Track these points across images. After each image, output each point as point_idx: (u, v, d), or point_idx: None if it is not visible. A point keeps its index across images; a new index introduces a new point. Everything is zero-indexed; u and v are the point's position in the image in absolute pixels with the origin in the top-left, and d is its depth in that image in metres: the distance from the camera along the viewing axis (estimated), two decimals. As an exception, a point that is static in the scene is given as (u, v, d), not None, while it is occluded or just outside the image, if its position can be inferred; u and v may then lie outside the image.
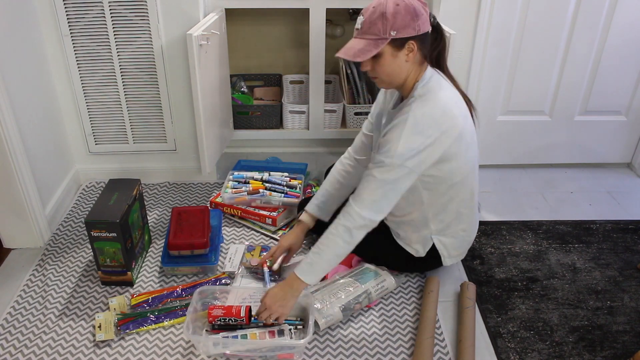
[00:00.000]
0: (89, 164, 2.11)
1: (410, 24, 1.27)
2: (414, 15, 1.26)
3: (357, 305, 1.47)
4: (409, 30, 1.27)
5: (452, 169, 1.37)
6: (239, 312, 1.37)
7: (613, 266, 1.73)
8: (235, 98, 2.29)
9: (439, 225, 1.49)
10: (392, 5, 1.26)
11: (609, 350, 1.42)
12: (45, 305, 1.52)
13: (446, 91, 1.35)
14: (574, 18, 1.98)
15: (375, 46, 1.28)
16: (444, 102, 1.32)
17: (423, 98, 1.32)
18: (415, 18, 1.27)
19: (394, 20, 1.26)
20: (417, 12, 1.27)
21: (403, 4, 1.26)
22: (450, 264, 1.58)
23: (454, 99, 1.36)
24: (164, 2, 1.79)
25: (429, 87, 1.33)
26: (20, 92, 1.66)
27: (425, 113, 1.30)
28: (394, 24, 1.26)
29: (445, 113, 1.31)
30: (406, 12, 1.26)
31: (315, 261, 1.36)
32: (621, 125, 2.24)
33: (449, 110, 1.32)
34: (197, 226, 1.66)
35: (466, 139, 1.36)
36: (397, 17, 1.26)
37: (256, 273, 1.62)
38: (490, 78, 2.08)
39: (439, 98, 1.32)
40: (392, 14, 1.25)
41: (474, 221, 1.58)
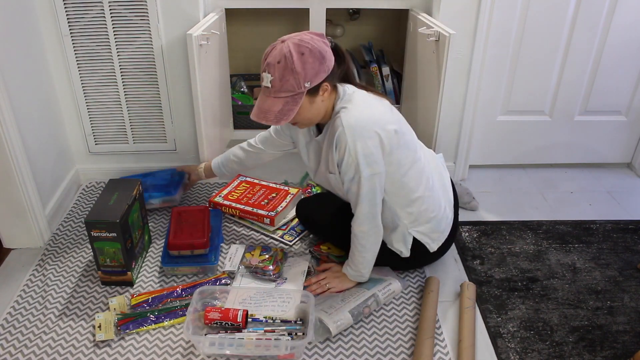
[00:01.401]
0: (89, 164, 2.11)
1: (320, 70, 1.26)
2: (321, 58, 1.25)
3: (366, 309, 1.47)
4: (321, 74, 1.27)
5: (398, 160, 1.38)
6: (235, 317, 1.37)
7: (613, 266, 1.73)
8: (235, 98, 2.30)
9: (409, 218, 1.48)
10: (297, 57, 1.22)
11: (609, 350, 1.42)
12: (45, 305, 1.52)
13: (361, 94, 1.37)
14: (574, 18, 1.98)
15: (294, 104, 1.26)
16: (367, 103, 1.35)
17: (347, 109, 1.32)
18: (323, 60, 1.26)
19: (305, 73, 1.23)
20: (323, 54, 1.25)
21: (307, 51, 1.23)
22: (437, 248, 1.55)
23: (373, 98, 1.39)
24: (164, 2, 1.79)
25: (346, 99, 1.35)
26: (20, 92, 1.66)
27: (356, 117, 1.31)
28: (306, 75, 1.24)
29: (373, 112, 1.34)
30: (314, 59, 1.23)
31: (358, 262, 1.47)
32: (621, 125, 2.24)
33: (374, 108, 1.35)
34: (197, 226, 1.66)
35: (400, 127, 1.38)
36: (307, 68, 1.23)
37: (256, 273, 1.62)
38: (490, 78, 2.08)
39: (360, 101, 1.34)
40: (301, 67, 1.23)
41: (443, 199, 1.55)
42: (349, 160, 1.32)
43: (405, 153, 1.40)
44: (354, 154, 1.30)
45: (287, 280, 1.60)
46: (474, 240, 1.84)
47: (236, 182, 2.06)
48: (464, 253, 1.77)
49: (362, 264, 1.48)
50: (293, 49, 1.23)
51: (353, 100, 1.35)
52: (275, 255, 1.64)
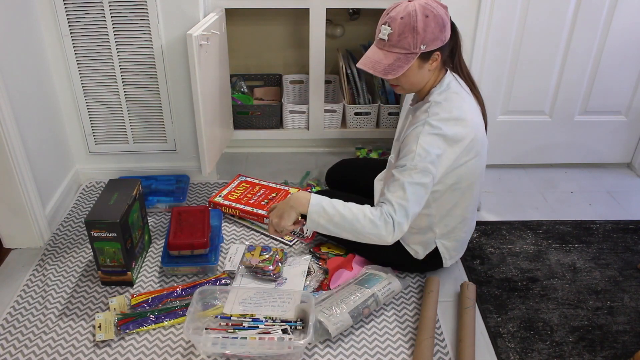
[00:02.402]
0: (89, 164, 2.11)
1: (439, 37, 1.26)
2: (442, 27, 1.25)
3: (365, 309, 1.46)
4: (437, 42, 1.27)
5: (460, 176, 1.37)
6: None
7: (613, 266, 1.73)
8: (235, 98, 2.29)
9: (443, 230, 1.50)
10: (421, 18, 1.23)
11: (609, 350, 1.42)
12: (45, 305, 1.52)
13: (462, 99, 1.35)
14: (574, 18, 1.98)
15: (406, 61, 1.26)
16: (459, 110, 1.32)
17: (439, 105, 1.31)
18: (443, 29, 1.26)
19: (424, 35, 1.23)
20: (444, 23, 1.26)
21: (432, 15, 1.23)
22: (450, 265, 1.59)
23: (469, 107, 1.35)
24: (164, 2, 1.79)
25: (445, 96, 1.33)
26: (20, 92, 1.66)
27: (441, 119, 1.29)
28: (425, 38, 1.24)
29: (459, 121, 1.31)
30: (436, 24, 1.24)
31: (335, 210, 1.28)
32: (621, 125, 2.24)
33: (462, 118, 1.31)
34: (197, 226, 1.66)
35: (476, 147, 1.36)
36: (427, 31, 1.23)
37: (256, 273, 1.62)
38: (490, 78, 2.08)
39: (454, 106, 1.32)
40: (423, 27, 1.23)
41: (472, 225, 1.60)
42: (412, 148, 1.28)
43: (467, 172, 1.37)
44: (421, 144, 1.27)
45: (287, 280, 1.60)
46: (474, 240, 1.84)
47: (236, 182, 2.06)
48: (464, 253, 1.76)
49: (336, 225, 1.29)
50: (419, 10, 1.23)
51: (448, 101, 1.32)
52: (275, 255, 1.64)
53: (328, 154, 2.37)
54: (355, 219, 1.28)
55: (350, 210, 1.29)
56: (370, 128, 2.34)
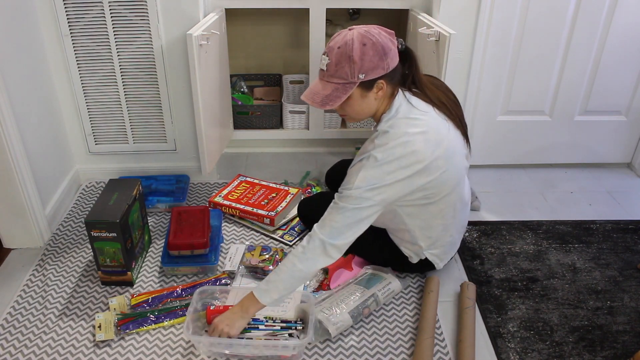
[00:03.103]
0: (89, 164, 2.11)
1: (378, 65, 1.22)
2: (382, 54, 1.21)
3: (365, 309, 1.46)
4: (378, 70, 1.23)
5: (427, 194, 1.35)
6: None
7: (613, 266, 1.73)
8: (235, 98, 2.30)
9: (427, 242, 1.49)
10: (358, 46, 1.19)
11: (609, 350, 1.42)
12: (45, 305, 1.52)
13: (411, 124, 1.29)
14: (574, 18, 1.98)
15: (344, 91, 1.23)
16: (406, 139, 1.27)
17: (385, 136, 1.28)
18: (384, 57, 1.22)
19: (361, 64, 1.20)
20: (385, 50, 1.22)
21: (370, 43, 1.20)
22: (443, 265, 1.58)
23: (419, 131, 1.28)
24: (164, 2, 1.79)
25: (392, 123, 1.29)
26: (20, 92, 1.66)
27: (386, 152, 1.26)
28: (362, 67, 1.20)
29: (406, 152, 1.26)
30: (374, 52, 1.20)
31: (272, 280, 1.29)
32: (621, 125, 2.24)
33: (409, 147, 1.26)
34: (197, 226, 1.66)
35: (438, 165, 1.30)
36: (364, 60, 1.20)
37: (256, 272, 1.62)
38: (490, 78, 2.08)
39: (400, 134, 1.27)
40: (359, 56, 1.20)
41: (461, 224, 1.57)
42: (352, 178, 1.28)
43: (433, 190, 1.35)
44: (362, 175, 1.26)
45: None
46: (474, 240, 1.84)
47: (236, 182, 2.06)
48: (464, 253, 1.77)
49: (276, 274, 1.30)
50: (356, 38, 1.20)
51: (394, 128, 1.28)
52: (275, 255, 1.64)
53: (328, 154, 2.37)
54: (294, 273, 1.28)
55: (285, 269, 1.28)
56: (370, 128, 2.34)
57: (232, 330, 1.30)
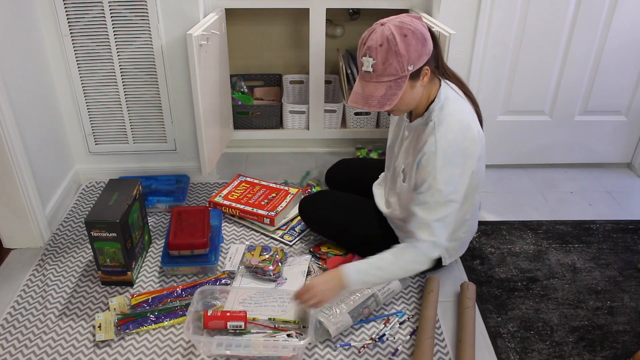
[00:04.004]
0: (89, 164, 2.11)
1: (423, 52, 1.21)
2: (423, 41, 1.20)
3: (365, 309, 1.46)
4: (423, 58, 1.22)
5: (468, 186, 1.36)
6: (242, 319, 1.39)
7: (613, 266, 1.73)
8: (235, 98, 2.29)
9: None
10: (399, 38, 1.18)
11: (609, 350, 1.42)
12: (45, 305, 1.52)
13: (462, 111, 1.31)
14: (574, 18, 1.98)
15: (397, 88, 1.22)
16: (464, 125, 1.29)
17: (443, 125, 1.27)
18: (425, 42, 1.21)
19: (408, 55, 1.19)
20: (425, 36, 1.21)
21: (410, 33, 1.19)
22: (448, 263, 1.59)
23: (470, 116, 1.32)
24: (164, 2, 1.79)
25: (447, 111, 1.29)
26: (20, 92, 1.66)
27: (451, 142, 1.26)
28: (410, 58, 1.19)
29: (466, 137, 1.28)
30: (417, 41, 1.19)
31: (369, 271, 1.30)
32: (621, 125, 2.24)
33: (469, 133, 1.29)
34: (197, 226, 1.66)
35: (482, 154, 1.35)
36: (410, 51, 1.19)
37: (256, 273, 1.62)
38: (490, 78, 2.08)
39: (457, 121, 1.28)
40: (405, 49, 1.18)
41: (475, 224, 1.60)
42: (431, 183, 1.27)
43: (475, 181, 1.37)
44: (440, 177, 1.26)
45: (287, 280, 1.60)
46: (474, 240, 1.84)
47: (236, 182, 2.06)
48: (464, 253, 1.76)
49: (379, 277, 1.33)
50: (395, 31, 1.18)
51: (451, 116, 1.28)
52: (275, 255, 1.64)
53: (328, 154, 2.37)
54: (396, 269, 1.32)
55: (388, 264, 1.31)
56: (370, 128, 2.34)
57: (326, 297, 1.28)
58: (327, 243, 1.76)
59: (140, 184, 1.66)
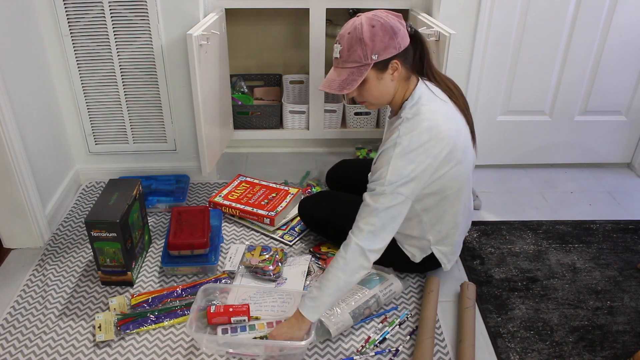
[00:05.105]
0: (89, 164, 2.11)
1: (390, 44, 1.23)
2: (392, 34, 1.23)
3: (366, 310, 1.46)
4: (390, 50, 1.24)
5: (444, 185, 1.36)
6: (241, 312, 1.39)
7: (613, 266, 1.73)
8: (235, 98, 2.30)
9: (437, 237, 1.49)
10: (367, 28, 1.22)
11: (609, 350, 1.42)
12: (45, 305, 1.52)
13: (433, 111, 1.30)
14: (574, 18, 1.98)
15: (359, 74, 1.25)
16: (431, 124, 1.27)
17: (410, 122, 1.28)
18: (394, 36, 1.24)
19: (372, 44, 1.22)
20: (395, 30, 1.24)
21: (379, 24, 1.22)
22: (450, 267, 1.59)
23: (443, 118, 1.30)
24: (164, 2, 1.79)
25: (416, 109, 1.29)
26: (20, 92, 1.66)
27: (413, 138, 1.26)
28: (374, 47, 1.23)
29: (432, 136, 1.26)
30: (384, 32, 1.22)
31: (318, 297, 1.29)
32: (621, 125, 2.24)
33: (436, 132, 1.27)
34: (197, 226, 1.66)
35: (457, 155, 1.32)
36: (375, 40, 1.22)
37: (256, 273, 1.62)
38: (490, 78, 2.08)
39: (425, 120, 1.27)
40: (369, 37, 1.22)
41: (468, 224, 1.60)
42: (382, 172, 1.27)
43: (450, 180, 1.35)
44: (392, 169, 1.25)
45: (287, 280, 1.60)
46: (474, 240, 1.84)
47: (236, 182, 2.06)
48: (464, 253, 1.76)
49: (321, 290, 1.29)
50: (364, 21, 1.23)
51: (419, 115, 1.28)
52: (275, 255, 1.64)
53: (328, 154, 2.37)
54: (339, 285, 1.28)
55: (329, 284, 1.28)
56: (370, 128, 2.34)
57: (291, 337, 1.30)
58: (327, 243, 1.76)
59: (140, 184, 1.66)
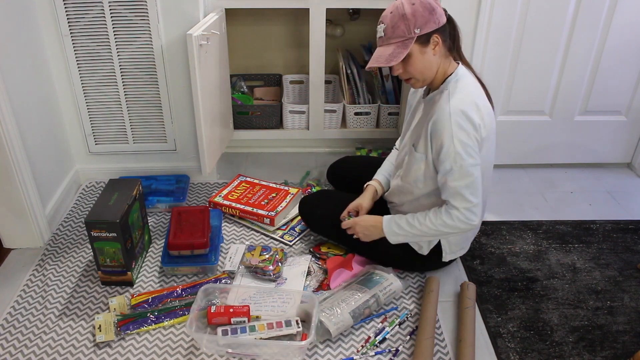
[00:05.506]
0: (89, 164, 2.11)
1: (430, 19, 1.31)
2: (431, 10, 1.31)
3: (366, 310, 1.46)
4: (431, 24, 1.31)
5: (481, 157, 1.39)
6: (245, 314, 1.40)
7: (613, 266, 1.73)
8: (235, 98, 2.30)
9: None
10: (408, 6, 1.31)
11: (609, 350, 1.42)
12: (45, 305, 1.52)
13: (475, 86, 1.41)
14: (574, 18, 1.98)
15: (404, 47, 1.32)
16: (473, 98, 1.36)
17: (457, 93, 1.36)
18: (433, 12, 1.31)
19: (414, 19, 1.30)
20: (433, 7, 1.32)
21: (418, 2, 1.31)
22: (449, 259, 1.58)
23: (480, 94, 1.40)
24: (164, 2, 1.79)
25: (461, 84, 1.38)
26: (20, 92, 1.66)
27: (462, 109, 1.33)
28: (416, 22, 1.30)
29: (479, 107, 1.35)
30: (424, 8, 1.31)
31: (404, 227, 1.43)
32: (621, 125, 2.24)
33: (481, 104, 1.37)
34: (197, 226, 1.66)
35: (492, 132, 1.41)
36: (417, 15, 1.30)
37: (256, 273, 1.62)
38: (490, 78, 2.07)
39: (470, 94, 1.36)
40: (411, 13, 1.30)
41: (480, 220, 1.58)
42: (449, 147, 1.33)
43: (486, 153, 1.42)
44: (457, 141, 1.32)
45: (287, 280, 1.60)
46: (474, 240, 1.83)
47: (236, 182, 2.06)
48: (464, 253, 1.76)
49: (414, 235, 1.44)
50: (404, 1, 1.32)
51: (465, 87, 1.37)
52: (275, 255, 1.64)
53: (328, 154, 2.37)
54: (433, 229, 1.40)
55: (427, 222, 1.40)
56: (370, 128, 2.34)
57: (366, 237, 1.51)
58: (327, 243, 1.76)
59: (140, 184, 1.66)
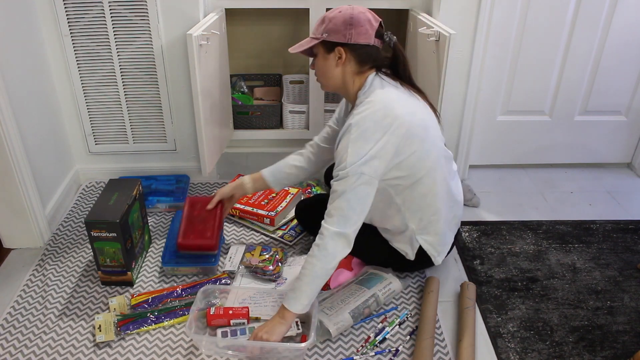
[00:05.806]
0: (89, 164, 2.11)
1: (340, 31, 1.32)
2: (348, 24, 1.31)
3: (366, 309, 1.46)
4: (338, 36, 1.32)
5: (412, 166, 1.36)
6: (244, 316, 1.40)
7: (613, 266, 1.73)
8: (235, 98, 2.29)
9: (418, 224, 1.47)
10: (335, 12, 1.33)
11: (609, 350, 1.42)
12: (45, 305, 1.52)
13: (387, 92, 1.34)
14: (574, 18, 1.98)
15: (309, 43, 1.38)
16: (384, 103, 1.31)
17: (363, 105, 1.33)
18: (349, 27, 1.31)
19: (329, 24, 1.33)
20: (354, 22, 1.31)
21: (347, 13, 1.32)
22: (441, 261, 1.56)
23: (396, 98, 1.34)
24: (164, 2, 1.79)
25: (369, 93, 1.35)
26: (20, 92, 1.66)
27: (366, 117, 1.29)
28: (328, 27, 1.33)
29: (387, 114, 1.29)
30: (343, 19, 1.31)
31: (297, 287, 1.31)
32: (621, 125, 2.24)
33: (389, 110, 1.30)
34: (209, 223, 1.63)
35: (417, 132, 1.34)
36: (333, 22, 1.33)
37: (256, 273, 1.62)
38: (490, 78, 2.08)
39: (377, 101, 1.31)
40: (330, 18, 1.33)
41: (453, 219, 1.57)
42: (343, 156, 1.29)
43: (417, 160, 1.36)
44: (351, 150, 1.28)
45: (287, 280, 1.60)
46: (474, 240, 1.84)
47: (236, 182, 2.06)
48: (464, 253, 1.77)
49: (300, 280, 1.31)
50: (343, 8, 1.34)
51: (371, 96, 1.33)
52: (275, 255, 1.64)
53: (328, 154, 2.37)
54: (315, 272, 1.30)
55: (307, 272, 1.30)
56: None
57: (272, 337, 1.30)
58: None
59: (140, 184, 1.66)
